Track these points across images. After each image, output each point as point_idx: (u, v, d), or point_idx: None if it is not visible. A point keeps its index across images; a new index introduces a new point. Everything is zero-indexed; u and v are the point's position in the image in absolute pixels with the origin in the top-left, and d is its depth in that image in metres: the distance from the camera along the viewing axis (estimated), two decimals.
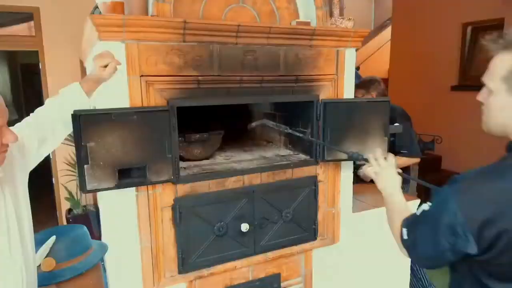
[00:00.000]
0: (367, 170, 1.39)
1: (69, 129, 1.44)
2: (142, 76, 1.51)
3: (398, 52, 5.12)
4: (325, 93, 1.93)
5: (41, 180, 2.73)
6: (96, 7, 1.61)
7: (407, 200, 1.27)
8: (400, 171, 1.36)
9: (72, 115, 1.37)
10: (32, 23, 3.59)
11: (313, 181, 1.96)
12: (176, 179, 1.60)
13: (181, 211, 1.65)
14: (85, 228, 1.81)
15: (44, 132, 1.37)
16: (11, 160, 1.22)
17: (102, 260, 1.85)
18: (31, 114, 1.40)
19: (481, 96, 0.99)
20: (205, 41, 1.60)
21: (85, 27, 1.64)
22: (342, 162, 2.03)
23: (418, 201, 2.25)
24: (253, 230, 1.82)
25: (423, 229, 1.01)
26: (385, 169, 1.33)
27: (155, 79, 1.53)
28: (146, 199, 1.60)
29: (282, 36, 1.74)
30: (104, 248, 1.82)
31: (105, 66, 1.37)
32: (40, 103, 1.55)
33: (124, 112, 1.45)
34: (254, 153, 2.13)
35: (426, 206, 1.02)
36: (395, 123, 2.27)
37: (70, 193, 3.59)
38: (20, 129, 1.33)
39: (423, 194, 3.19)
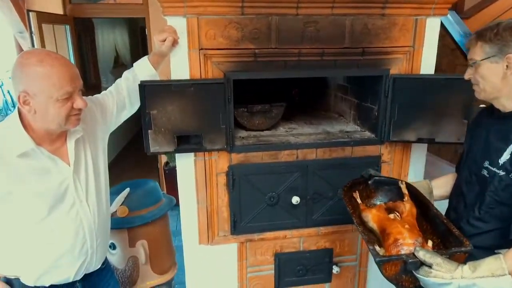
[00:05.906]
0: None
1: None
2: (201, 49, 1.59)
3: None
4: (398, 67, 1.76)
5: None
6: None
7: None
8: None
9: (138, 85, 1.54)
10: None
11: (375, 162, 1.86)
12: (230, 148, 1.69)
13: (234, 178, 1.75)
14: (156, 183, 2.07)
15: (123, 100, 1.59)
16: (94, 121, 1.46)
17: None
18: (112, 84, 1.62)
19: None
20: (264, 13, 1.59)
21: None
22: (413, 144, 1.86)
23: None
24: (305, 203, 1.84)
25: None
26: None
27: (213, 52, 1.60)
28: (203, 164, 1.73)
29: (349, 5, 1.62)
30: (171, 202, 2.07)
31: (164, 41, 1.48)
32: None
33: (182, 83, 1.57)
34: (319, 127, 2.08)
35: None
36: None
37: None
38: (103, 96, 1.56)
39: None
